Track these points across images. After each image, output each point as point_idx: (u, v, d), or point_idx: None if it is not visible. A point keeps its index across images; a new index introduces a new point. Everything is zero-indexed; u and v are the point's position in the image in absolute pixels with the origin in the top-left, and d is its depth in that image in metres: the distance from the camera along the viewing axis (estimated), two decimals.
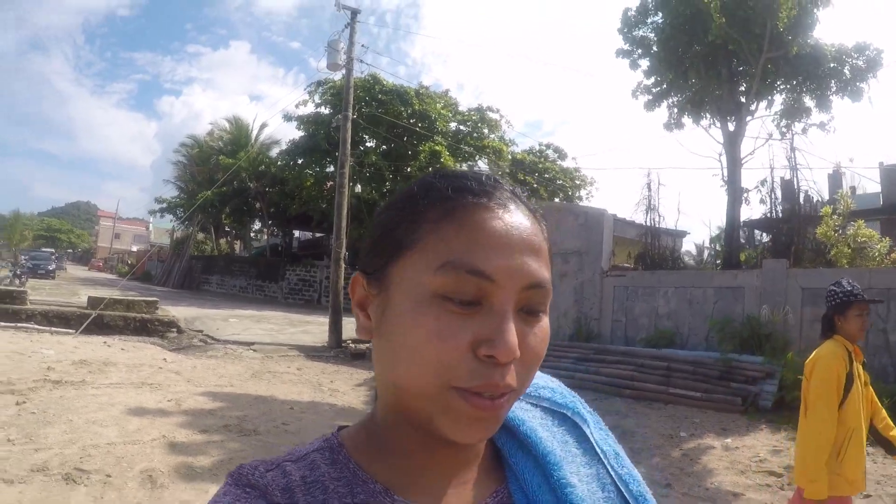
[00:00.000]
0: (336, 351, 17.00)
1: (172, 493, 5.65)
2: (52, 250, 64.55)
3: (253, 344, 16.82)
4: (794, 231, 14.32)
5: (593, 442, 0.90)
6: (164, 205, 47.25)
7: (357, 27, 21.99)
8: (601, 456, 0.89)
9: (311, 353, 16.71)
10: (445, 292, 0.70)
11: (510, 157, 34.80)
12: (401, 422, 0.78)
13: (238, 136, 43.63)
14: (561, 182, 35.92)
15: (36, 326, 16.81)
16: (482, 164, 34.54)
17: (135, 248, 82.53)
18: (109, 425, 7.78)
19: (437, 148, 30.02)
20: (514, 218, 0.75)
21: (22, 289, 21.64)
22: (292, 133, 37.21)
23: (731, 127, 16.59)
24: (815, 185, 17.48)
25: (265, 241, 44.69)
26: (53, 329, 16.69)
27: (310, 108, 33.39)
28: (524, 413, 0.89)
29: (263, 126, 43.13)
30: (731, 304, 12.53)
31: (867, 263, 12.27)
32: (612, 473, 0.87)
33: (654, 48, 17.32)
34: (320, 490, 0.74)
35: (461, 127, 34.73)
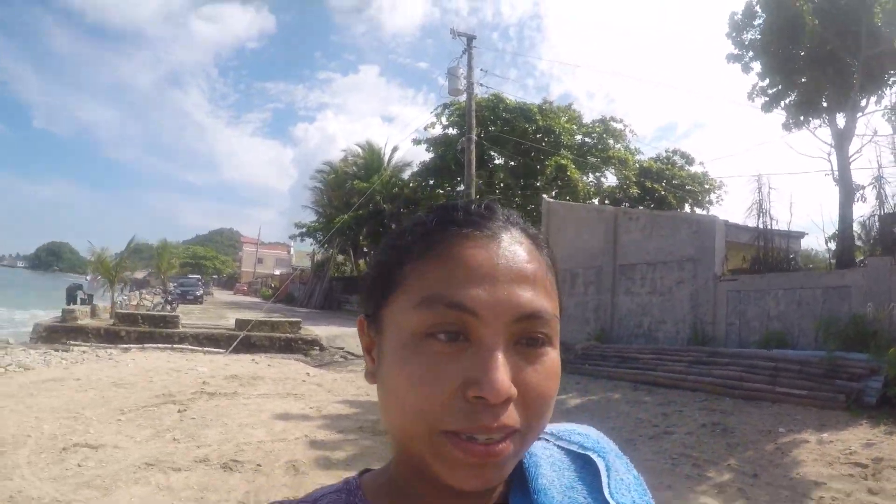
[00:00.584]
0: None
1: (312, 479, 6.71)
2: (199, 276, 68.14)
3: None
4: None
5: (606, 494, 0.82)
6: (304, 229, 49.31)
7: (474, 52, 23.09)
8: None
9: None
10: (428, 330, 0.68)
11: (637, 165, 34.67)
12: (410, 467, 0.76)
13: (371, 160, 45.19)
14: (690, 187, 34.77)
15: (189, 347, 18.57)
16: (609, 175, 34.82)
17: (277, 272, 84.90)
18: (259, 428, 9.04)
19: (563, 162, 30.25)
20: (503, 246, 0.72)
21: (174, 314, 23.69)
22: (423, 155, 38.21)
23: (841, 124, 16.58)
24: None
25: None
26: (205, 349, 18.39)
27: (437, 130, 34.28)
28: (539, 449, 0.86)
29: (395, 150, 44.40)
30: (838, 304, 12.63)
31: None
32: None
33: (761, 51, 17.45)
34: None
35: (586, 139, 34.69)
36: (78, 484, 6.24)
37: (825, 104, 16.90)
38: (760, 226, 16.42)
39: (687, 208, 33.29)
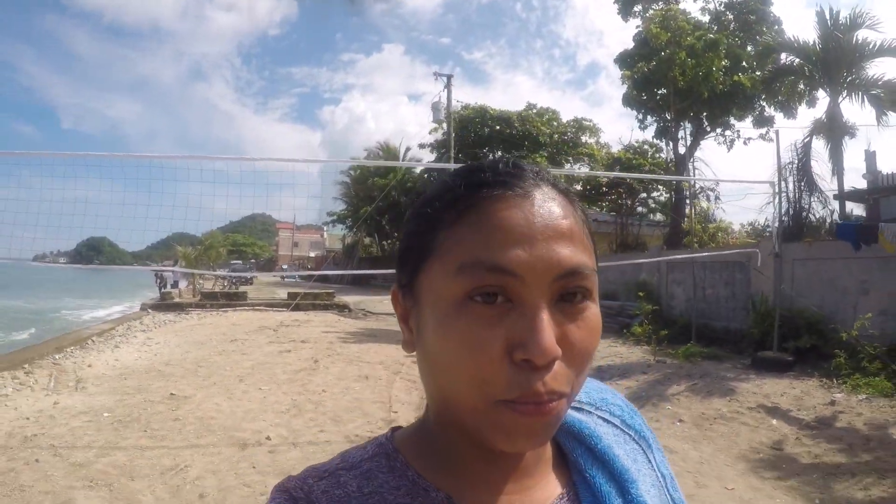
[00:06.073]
0: None
1: (340, 346, 15.83)
2: (240, 262, 73.96)
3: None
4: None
5: (654, 465, 0.90)
6: (335, 217, 58.06)
7: (452, 88, 30.77)
8: (661, 480, 0.89)
9: None
10: (468, 294, 0.67)
11: (609, 156, 38.56)
12: (454, 431, 0.76)
13: (388, 159, 51.29)
14: (659, 172, 37.26)
15: (263, 307, 27.92)
16: (585, 167, 40.31)
17: (312, 254, 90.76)
18: (316, 333, 18.49)
19: (538, 159, 34.31)
20: (536, 204, 0.70)
21: (242, 291, 33.05)
22: (429, 156, 43.87)
23: (682, 150, 25.52)
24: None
25: None
26: (273, 309, 27.73)
27: (438, 135, 40.37)
28: (600, 428, 0.88)
29: (408, 149, 51.69)
30: (637, 273, 20.49)
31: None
32: (669, 497, 0.87)
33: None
34: (379, 502, 0.74)
35: (563, 137, 39.97)
36: (244, 349, 15.35)
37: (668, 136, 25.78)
38: (618, 221, 26.02)
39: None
